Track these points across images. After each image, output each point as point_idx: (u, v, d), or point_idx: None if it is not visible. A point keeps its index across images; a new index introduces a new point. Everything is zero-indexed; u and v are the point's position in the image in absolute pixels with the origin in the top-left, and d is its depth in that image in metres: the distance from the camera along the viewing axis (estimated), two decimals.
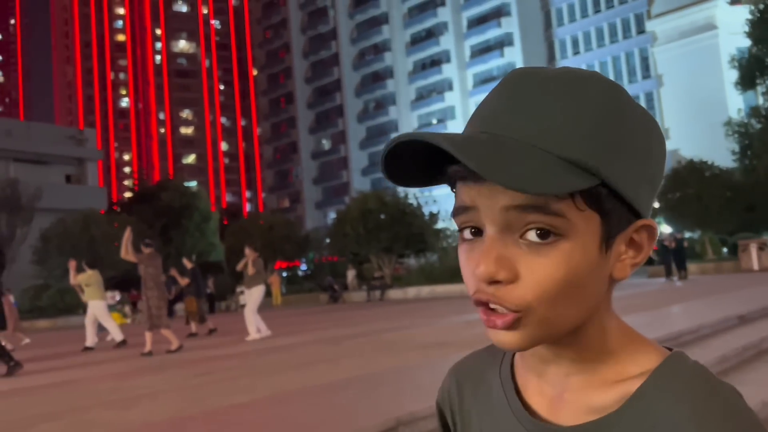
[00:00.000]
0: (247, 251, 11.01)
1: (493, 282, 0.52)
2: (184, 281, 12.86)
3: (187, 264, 13.12)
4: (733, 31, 48.02)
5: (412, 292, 25.37)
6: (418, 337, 8.99)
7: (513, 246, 0.52)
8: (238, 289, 26.17)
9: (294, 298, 29.63)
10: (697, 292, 13.47)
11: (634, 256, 0.56)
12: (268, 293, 27.91)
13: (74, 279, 11.59)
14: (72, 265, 11.82)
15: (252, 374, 6.67)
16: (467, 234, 0.56)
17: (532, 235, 0.52)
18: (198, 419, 4.58)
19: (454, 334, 8.94)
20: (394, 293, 25.96)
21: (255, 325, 10.81)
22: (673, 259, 20.33)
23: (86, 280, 11.40)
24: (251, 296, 10.97)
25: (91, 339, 11.62)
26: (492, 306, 0.53)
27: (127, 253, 9.89)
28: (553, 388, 0.59)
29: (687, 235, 27.00)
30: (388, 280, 27.68)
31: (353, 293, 28.00)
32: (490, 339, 0.56)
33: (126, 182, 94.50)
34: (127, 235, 10.05)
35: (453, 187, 0.58)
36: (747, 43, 35.87)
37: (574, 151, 0.51)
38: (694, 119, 52.44)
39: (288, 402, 4.93)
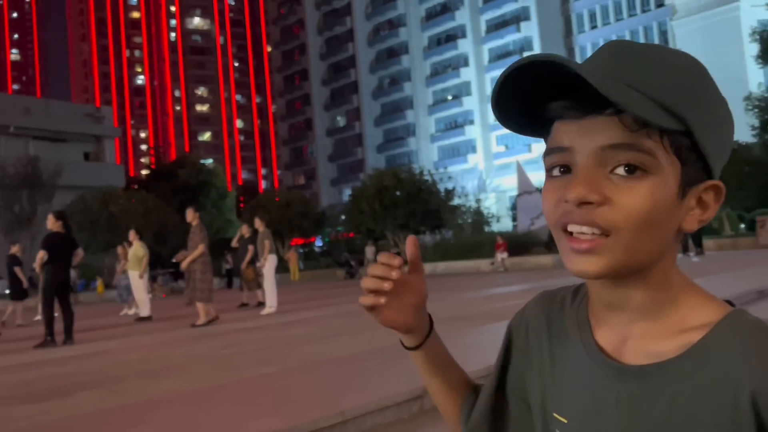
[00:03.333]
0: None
1: (584, 204, 0.59)
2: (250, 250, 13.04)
3: (246, 232, 13.31)
4: (754, 3, 46.99)
5: (428, 268, 25.53)
6: (438, 312, 9.08)
7: (603, 178, 0.59)
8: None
9: (311, 274, 29.93)
10: (715, 267, 13.47)
11: (702, 213, 0.62)
12: (285, 269, 28.27)
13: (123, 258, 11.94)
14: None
15: (278, 346, 6.85)
16: (555, 172, 0.62)
17: (620, 170, 0.58)
18: (230, 387, 4.76)
19: (473, 308, 9.07)
20: None
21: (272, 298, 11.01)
22: (689, 234, 20.26)
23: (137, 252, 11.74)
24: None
25: (145, 308, 11.91)
26: (576, 233, 0.60)
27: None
28: (617, 334, 0.65)
29: None
30: (405, 256, 27.84)
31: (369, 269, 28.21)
32: (570, 268, 0.61)
33: (143, 160, 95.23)
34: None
35: (545, 133, 0.64)
36: None
37: (667, 98, 0.58)
38: None
39: (315, 371, 5.09)
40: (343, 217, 36.03)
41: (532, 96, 0.61)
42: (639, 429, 0.61)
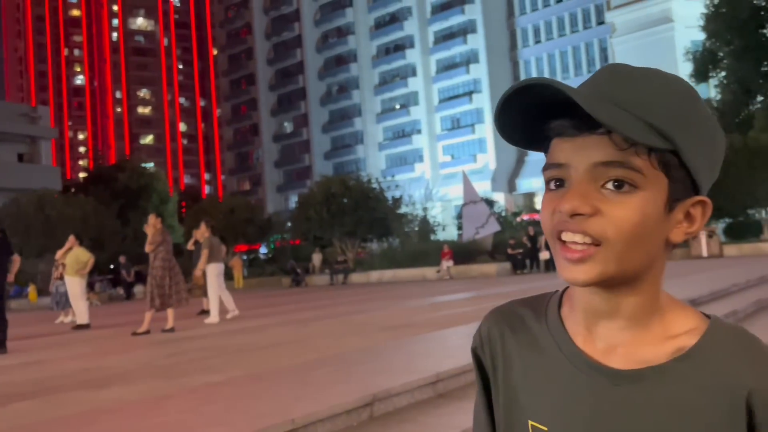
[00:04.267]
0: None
1: (576, 215, 0.64)
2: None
3: (200, 236, 12.99)
4: (688, 24, 49.28)
5: (374, 275, 25.59)
6: (385, 319, 9.17)
7: (595, 192, 0.64)
8: None
9: (256, 281, 29.53)
10: None
11: (689, 226, 0.68)
12: (230, 276, 27.80)
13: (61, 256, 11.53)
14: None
15: (223, 354, 6.74)
16: (552, 185, 0.68)
17: (610, 185, 0.64)
18: (175, 397, 4.66)
19: (420, 316, 9.15)
20: (357, 277, 26.14)
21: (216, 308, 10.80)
22: None
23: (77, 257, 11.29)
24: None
25: (83, 316, 11.44)
26: (570, 243, 0.65)
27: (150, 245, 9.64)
28: (603, 341, 0.69)
29: None
30: (351, 263, 27.83)
31: (316, 277, 28.07)
32: (563, 276, 0.66)
33: (81, 162, 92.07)
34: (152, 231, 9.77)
35: (545, 148, 0.69)
36: (701, 36, 36.91)
37: (657, 119, 0.63)
38: None
39: (263, 380, 5.04)
40: (289, 224, 35.73)
41: (537, 113, 0.66)
42: (632, 430, 0.65)
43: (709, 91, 42.82)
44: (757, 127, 30.20)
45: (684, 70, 42.59)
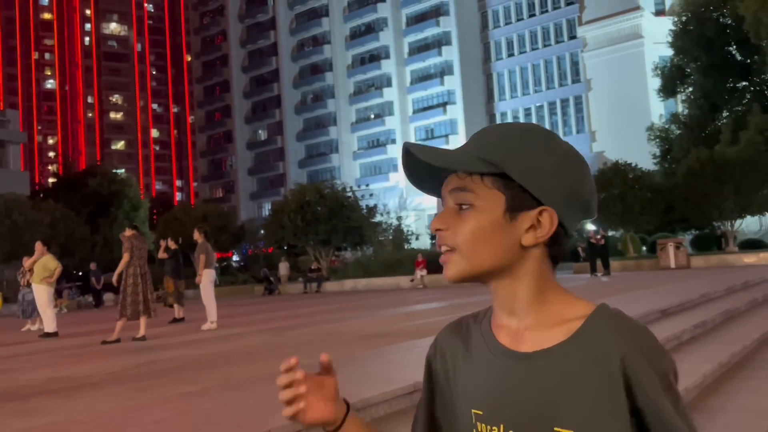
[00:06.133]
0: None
1: (438, 231, 0.87)
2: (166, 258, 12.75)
3: (171, 244, 12.84)
4: (657, 40, 50.32)
5: (348, 284, 25.53)
6: (360, 328, 9.13)
7: (453, 213, 0.86)
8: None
9: (228, 289, 29.22)
10: (622, 287, 14.19)
11: (537, 232, 0.84)
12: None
13: (28, 263, 11.26)
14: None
15: (197, 364, 6.64)
16: None
17: (462, 207, 0.86)
18: (148, 407, 4.57)
19: (395, 325, 9.14)
20: (331, 285, 26.04)
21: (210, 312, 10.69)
22: (599, 255, 21.28)
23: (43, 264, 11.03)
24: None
25: (50, 324, 11.15)
26: (442, 249, 0.87)
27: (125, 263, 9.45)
28: (514, 332, 0.87)
29: (610, 233, 28.24)
30: (325, 272, 27.72)
31: (289, 285, 27.89)
32: (444, 276, 0.89)
33: (51, 167, 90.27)
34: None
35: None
36: (670, 52, 37.69)
37: (486, 153, 0.84)
38: (620, 123, 54.72)
39: (240, 390, 4.97)
40: (262, 231, 35.48)
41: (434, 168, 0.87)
42: (538, 399, 0.81)
43: (677, 105, 43.71)
44: (723, 141, 30.91)
45: (653, 84, 43.42)
